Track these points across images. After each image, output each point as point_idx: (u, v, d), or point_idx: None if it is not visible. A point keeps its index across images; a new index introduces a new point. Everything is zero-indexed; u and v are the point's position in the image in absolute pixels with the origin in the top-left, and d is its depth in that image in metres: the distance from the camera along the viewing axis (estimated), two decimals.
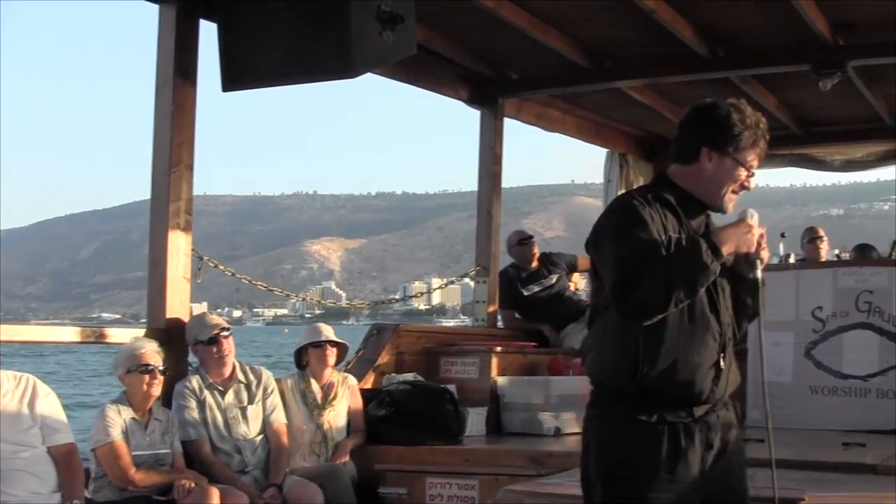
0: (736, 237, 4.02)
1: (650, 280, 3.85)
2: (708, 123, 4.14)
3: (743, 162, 4.11)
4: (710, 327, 4.06)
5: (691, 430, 4.02)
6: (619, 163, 13.25)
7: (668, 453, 3.99)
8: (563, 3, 8.91)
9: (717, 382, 4.07)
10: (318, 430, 7.84)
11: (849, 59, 9.60)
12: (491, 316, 10.79)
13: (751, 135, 4.10)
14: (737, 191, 4.17)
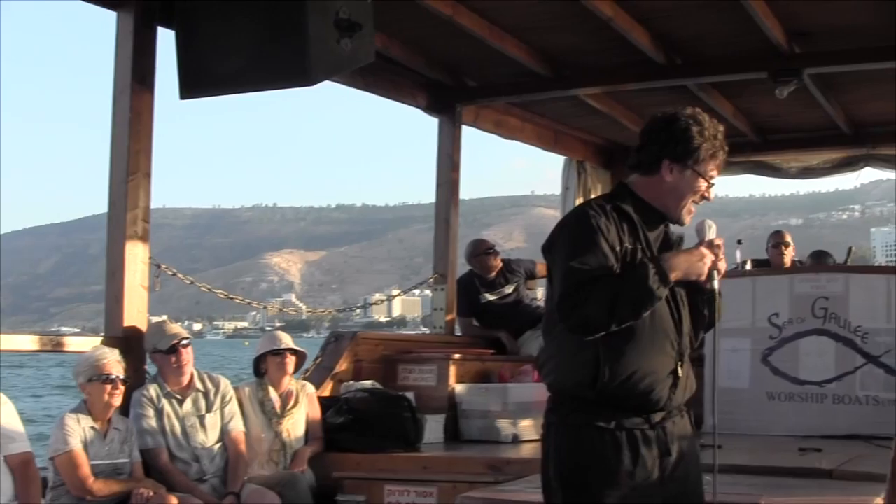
0: (687, 265, 4.06)
1: (596, 300, 3.91)
2: (669, 136, 4.16)
3: (703, 174, 4.15)
4: (668, 336, 4.10)
5: (649, 437, 4.05)
6: (577, 170, 13.27)
7: (628, 459, 4.02)
8: (521, 12, 8.93)
9: (674, 390, 4.10)
10: (277, 439, 7.81)
11: (805, 66, 9.66)
12: (449, 323, 10.78)
13: (710, 146, 4.14)
14: (697, 202, 4.20)
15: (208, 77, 7.27)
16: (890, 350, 8.81)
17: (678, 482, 4.11)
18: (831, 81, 10.70)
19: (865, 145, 12.86)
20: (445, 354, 9.56)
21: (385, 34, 9.11)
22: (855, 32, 9.14)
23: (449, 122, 10.85)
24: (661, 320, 4.07)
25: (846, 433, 8.47)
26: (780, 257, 11.78)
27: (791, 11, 8.84)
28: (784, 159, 13.61)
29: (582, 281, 3.93)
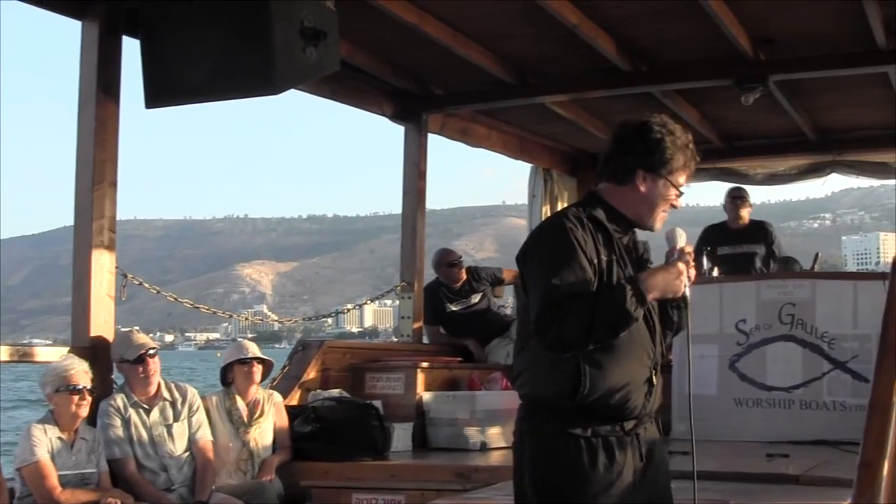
0: (665, 283, 4.05)
1: (573, 319, 3.92)
2: (643, 146, 4.17)
3: (676, 183, 4.18)
4: (645, 347, 4.13)
5: (624, 444, 4.06)
6: (543, 178, 13.29)
7: (603, 466, 4.03)
8: (486, 19, 8.93)
9: (648, 398, 4.13)
10: (244, 448, 7.79)
11: (770, 73, 9.70)
12: (416, 331, 10.77)
13: (683, 156, 4.17)
14: (667, 210, 4.22)
15: (174, 86, 7.25)
16: (857, 355, 8.83)
17: (650, 488, 4.12)
18: (796, 88, 10.75)
19: (831, 152, 12.94)
20: (413, 363, 9.56)
21: (350, 42, 9.10)
22: (819, 39, 9.19)
23: (415, 130, 10.86)
24: (638, 331, 4.08)
25: (813, 439, 8.48)
26: (736, 210, 11.88)
27: (756, 18, 8.88)
28: (750, 166, 13.66)
29: (560, 300, 3.93)
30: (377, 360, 9.75)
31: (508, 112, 11.71)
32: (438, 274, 11.25)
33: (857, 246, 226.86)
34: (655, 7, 8.65)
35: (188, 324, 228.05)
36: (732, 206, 11.97)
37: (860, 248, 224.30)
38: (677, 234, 4.17)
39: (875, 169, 13.20)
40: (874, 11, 8.27)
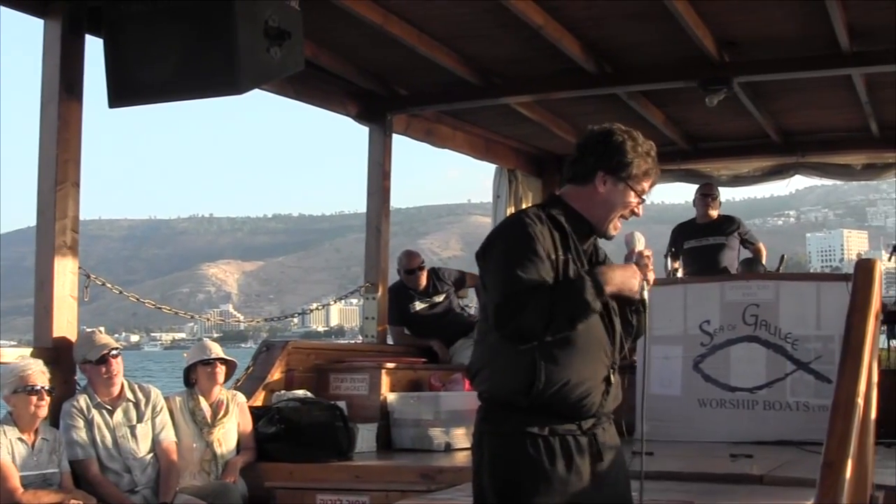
0: (622, 279, 4.11)
1: (533, 310, 3.95)
2: (605, 149, 4.23)
3: (635, 188, 4.22)
4: (602, 345, 4.15)
5: (581, 443, 4.08)
6: (508, 178, 13.30)
7: (561, 465, 4.04)
8: (451, 20, 8.92)
9: (606, 397, 4.15)
10: (208, 449, 7.77)
11: (735, 75, 9.75)
12: (380, 332, 10.78)
13: (643, 163, 4.22)
14: (626, 216, 4.25)
15: (137, 85, 7.21)
16: (820, 356, 8.89)
17: (609, 487, 4.14)
18: (761, 90, 10.81)
19: (795, 153, 13.03)
20: (377, 363, 9.56)
21: (315, 43, 9.08)
22: (784, 42, 9.24)
23: (379, 130, 10.85)
24: (594, 328, 4.10)
25: (777, 439, 8.54)
26: (705, 207, 11.98)
27: (721, 21, 8.91)
28: (714, 167, 13.71)
29: (519, 290, 3.96)
30: (341, 361, 9.74)
31: (473, 113, 11.73)
32: (401, 277, 11.25)
33: (821, 243, 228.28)
34: (621, 9, 8.66)
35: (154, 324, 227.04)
36: (702, 202, 12.12)
37: (824, 246, 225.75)
38: (636, 237, 4.22)
39: (838, 171, 13.30)
40: (837, 15, 8.31)
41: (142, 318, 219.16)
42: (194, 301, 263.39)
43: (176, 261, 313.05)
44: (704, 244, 11.83)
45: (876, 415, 5.93)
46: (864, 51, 9.21)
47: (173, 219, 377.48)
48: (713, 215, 12.06)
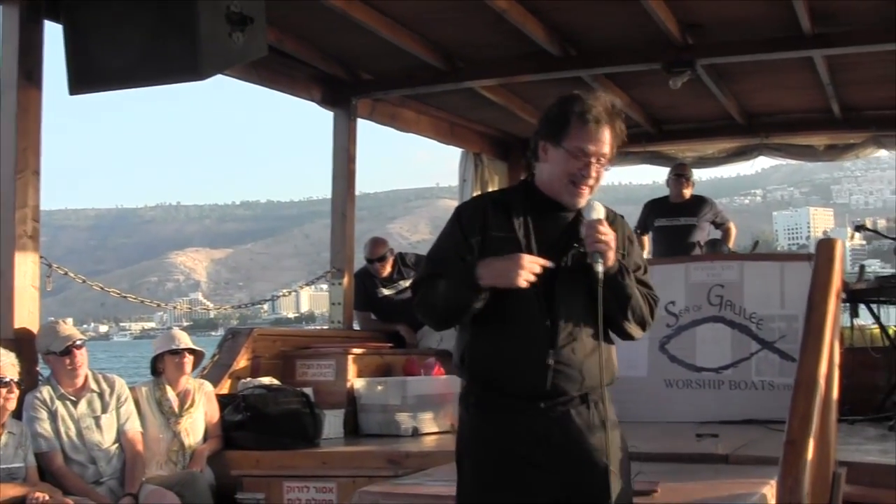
0: (496, 272, 3.99)
1: (426, 301, 4.13)
2: (544, 120, 4.20)
3: (571, 150, 4.09)
4: (531, 327, 4.06)
5: (527, 422, 4.05)
6: (473, 162, 13.32)
7: (505, 440, 4.04)
8: (414, 4, 8.91)
9: (546, 378, 4.04)
10: (175, 438, 7.75)
11: (698, 57, 9.76)
12: (347, 318, 10.77)
13: (579, 122, 4.08)
14: (577, 182, 4.10)
15: (97, 72, 7.15)
16: (784, 336, 8.91)
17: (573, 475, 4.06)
18: (724, 72, 10.84)
19: (759, 135, 13.08)
20: (344, 349, 9.55)
21: (278, 28, 9.06)
22: (746, 24, 9.26)
23: (344, 115, 10.83)
24: (520, 312, 4.06)
25: (742, 418, 8.55)
26: (679, 187, 12.05)
27: (684, 3, 8.93)
28: (679, 149, 13.75)
29: (423, 276, 4.17)
30: (308, 348, 9.72)
31: (438, 97, 11.69)
32: (367, 263, 11.24)
33: (787, 221, 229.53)
34: None
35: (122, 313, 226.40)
36: (676, 182, 12.17)
37: (791, 224, 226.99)
38: (590, 206, 4.11)
39: (801, 151, 13.37)
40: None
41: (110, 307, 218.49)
42: (163, 290, 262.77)
43: (144, 250, 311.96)
44: (675, 224, 11.87)
45: (838, 392, 5.99)
46: (825, 32, 9.25)
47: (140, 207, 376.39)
48: (686, 195, 12.10)
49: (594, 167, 4.10)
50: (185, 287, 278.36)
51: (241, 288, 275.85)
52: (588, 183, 4.11)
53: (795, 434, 4.78)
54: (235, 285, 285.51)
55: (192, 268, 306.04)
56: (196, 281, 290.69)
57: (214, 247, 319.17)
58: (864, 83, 11.13)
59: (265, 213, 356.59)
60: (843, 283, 6.97)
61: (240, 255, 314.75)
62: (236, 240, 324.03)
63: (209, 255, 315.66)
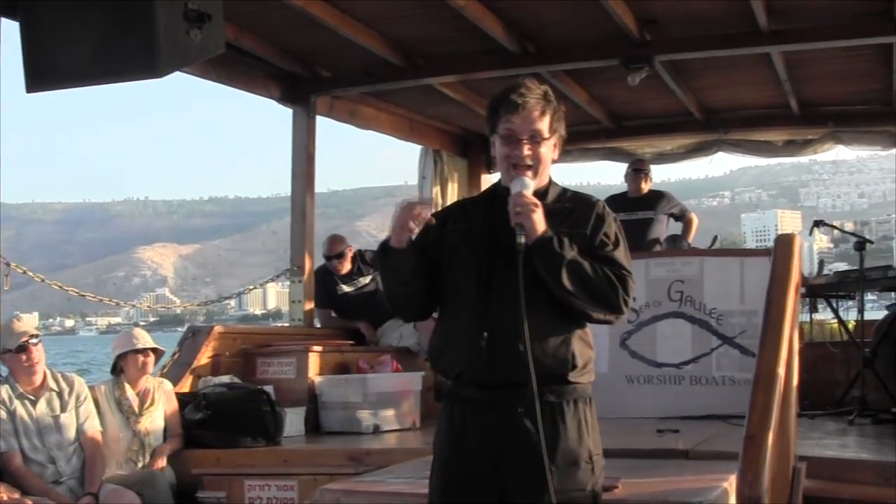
0: (391, 228, 4.08)
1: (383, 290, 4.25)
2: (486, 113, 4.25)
3: (503, 134, 4.10)
4: (469, 312, 4.03)
5: (477, 411, 4.02)
6: (433, 159, 13.29)
7: (456, 429, 4.05)
8: (373, 1, 8.91)
9: (481, 364, 3.97)
10: (135, 438, 7.71)
11: (656, 54, 9.81)
12: (307, 315, 10.75)
13: (507, 104, 4.09)
14: (515, 163, 4.08)
15: (54, 69, 7.09)
16: (744, 331, 8.96)
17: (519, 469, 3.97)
18: (682, 68, 10.89)
19: (717, 131, 13.12)
20: (304, 347, 9.51)
21: (237, 25, 9.06)
22: (703, 20, 9.30)
23: (303, 112, 10.79)
24: (463, 297, 4.06)
25: (703, 414, 8.60)
26: (637, 182, 12.06)
27: None
28: (639, 145, 13.76)
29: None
30: (268, 345, 9.70)
31: (397, 94, 11.69)
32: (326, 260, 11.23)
33: (755, 223, 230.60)
34: None
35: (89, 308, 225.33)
36: (635, 177, 12.14)
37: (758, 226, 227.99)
38: (519, 181, 4.04)
39: (760, 147, 13.40)
40: None
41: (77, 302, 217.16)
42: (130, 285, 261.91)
43: (111, 244, 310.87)
44: (634, 218, 11.86)
45: (798, 387, 6.01)
46: (782, 29, 9.30)
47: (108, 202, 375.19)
48: (644, 190, 12.11)
49: (526, 146, 4.08)
50: (151, 282, 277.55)
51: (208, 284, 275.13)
52: (525, 163, 4.07)
53: (755, 429, 4.81)
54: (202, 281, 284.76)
55: (160, 263, 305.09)
56: (163, 276, 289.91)
57: (182, 242, 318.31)
58: (822, 79, 11.22)
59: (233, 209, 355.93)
60: (802, 278, 7.00)
61: (207, 251, 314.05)
62: (204, 235, 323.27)
63: (176, 250, 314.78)
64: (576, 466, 3.98)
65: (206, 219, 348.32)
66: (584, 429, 4.06)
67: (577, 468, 3.99)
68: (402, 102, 12.21)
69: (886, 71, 10.71)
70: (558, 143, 4.20)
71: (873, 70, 10.85)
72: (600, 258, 4.05)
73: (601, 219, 4.18)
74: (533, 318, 3.88)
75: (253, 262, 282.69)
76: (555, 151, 4.19)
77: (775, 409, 4.99)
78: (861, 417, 8.20)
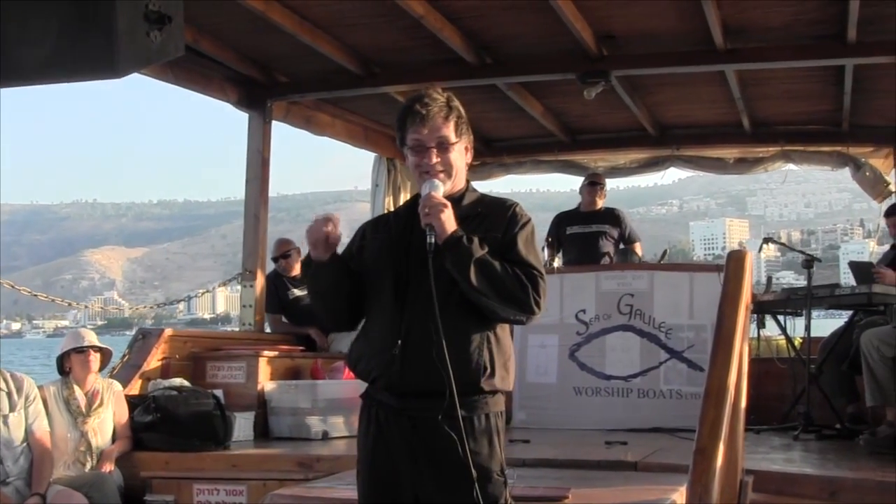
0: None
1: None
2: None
3: (411, 145, 4.11)
4: (387, 319, 4.02)
5: (391, 416, 4.00)
6: (387, 167, 13.27)
7: (372, 433, 4.05)
8: (332, 8, 8.91)
9: (395, 370, 3.95)
10: (83, 438, 7.68)
11: (612, 69, 9.87)
12: (258, 320, 10.73)
13: (409, 116, 4.10)
14: (429, 171, 4.07)
15: (11, 66, 7.04)
16: (692, 345, 9.06)
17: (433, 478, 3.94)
18: (638, 84, 10.99)
19: (670, 146, 13.19)
20: (255, 351, 9.50)
21: (195, 28, 9.05)
22: (660, 37, 9.38)
23: (259, 117, 10.78)
24: (380, 303, 4.06)
25: (651, 426, 8.68)
26: (592, 195, 12.08)
27: (599, 14, 9.01)
28: (592, 158, 13.80)
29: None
30: (219, 349, 9.66)
31: (353, 101, 11.70)
32: (276, 264, 11.21)
33: (704, 231, 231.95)
34: (501, 0, 8.73)
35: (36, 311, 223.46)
36: (591, 190, 12.13)
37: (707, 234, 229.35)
38: (427, 183, 4.05)
39: (712, 164, 13.48)
40: (712, 12, 8.46)
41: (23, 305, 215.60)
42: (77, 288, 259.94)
43: (59, 247, 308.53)
44: (587, 231, 11.90)
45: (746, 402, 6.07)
46: (737, 48, 9.40)
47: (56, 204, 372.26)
48: (599, 204, 12.13)
49: (435, 153, 4.07)
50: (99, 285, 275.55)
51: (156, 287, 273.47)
52: (436, 170, 4.07)
53: (705, 442, 4.85)
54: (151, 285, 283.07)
55: (108, 266, 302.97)
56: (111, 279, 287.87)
57: (130, 245, 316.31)
58: (774, 98, 11.34)
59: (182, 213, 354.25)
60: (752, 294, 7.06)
61: (156, 255, 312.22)
62: (153, 239, 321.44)
63: (125, 253, 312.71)
64: (488, 480, 3.93)
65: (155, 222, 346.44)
66: (495, 442, 4.00)
67: (490, 482, 3.94)
68: (357, 110, 12.21)
69: (837, 92, 10.83)
70: (469, 147, 4.21)
71: (825, 91, 10.99)
72: (512, 259, 4.00)
73: (514, 220, 4.12)
74: (447, 323, 3.85)
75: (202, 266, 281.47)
76: (466, 155, 4.19)
77: (725, 423, 5.03)
78: (806, 433, 8.28)
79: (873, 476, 6.41)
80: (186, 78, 10.02)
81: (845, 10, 8.45)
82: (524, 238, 4.08)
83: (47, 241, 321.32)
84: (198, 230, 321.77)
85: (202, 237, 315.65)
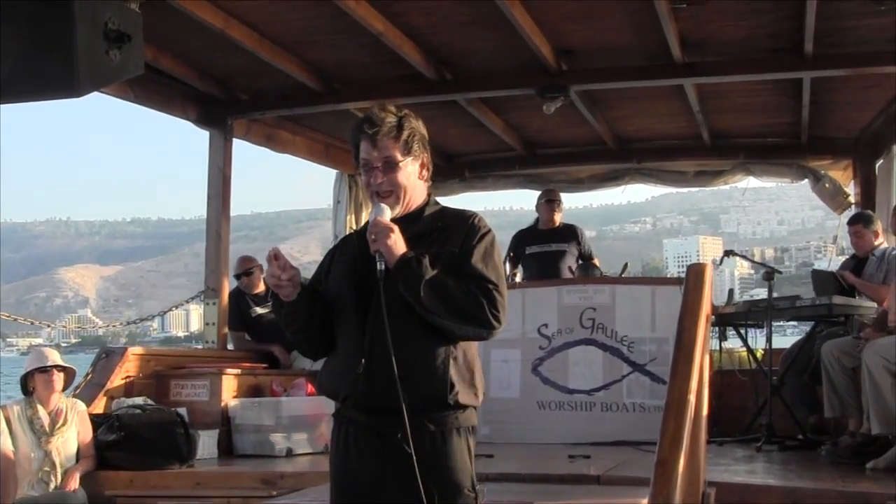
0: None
1: None
2: None
3: (361, 165, 4.13)
4: (352, 339, 4.02)
5: (360, 433, 4.00)
6: (348, 184, 13.30)
7: (341, 450, 4.05)
8: (292, 25, 8.93)
9: (360, 387, 3.94)
10: (47, 458, 7.67)
11: (571, 83, 9.92)
12: (221, 338, 10.70)
13: (357, 137, 4.12)
14: (377, 191, 4.08)
15: None
16: (654, 358, 9.08)
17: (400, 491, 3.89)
18: (597, 98, 11.06)
19: (630, 160, 13.26)
20: (218, 369, 9.53)
21: (155, 46, 9.04)
22: (618, 51, 9.44)
23: (220, 135, 10.78)
24: (346, 322, 4.05)
25: (614, 440, 8.69)
26: (550, 212, 12.03)
27: (557, 29, 9.06)
28: (552, 173, 13.80)
29: None
30: (182, 367, 9.66)
31: (314, 118, 11.73)
32: (238, 282, 11.21)
33: (677, 249, 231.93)
34: (460, 16, 8.75)
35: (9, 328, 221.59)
36: (548, 207, 12.06)
37: (680, 251, 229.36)
38: (375, 208, 4.06)
39: (672, 177, 13.53)
40: (670, 26, 8.52)
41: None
42: (51, 306, 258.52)
43: (32, 265, 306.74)
44: (547, 250, 11.88)
45: (708, 414, 6.09)
46: (695, 62, 9.48)
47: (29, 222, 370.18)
48: (557, 220, 12.10)
49: (381, 174, 4.07)
50: (73, 304, 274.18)
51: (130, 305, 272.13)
52: (383, 189, 4.08)
53: (666, 454, 4.85)
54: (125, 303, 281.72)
55: (81, 284, 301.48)
56: (85, 297, 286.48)
57: (104, 263, 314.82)
58: (733, 111, 11.44)
59: (156, 231, 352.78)
60: (711, 306, 7.09)
61: (129, 273, 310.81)
62: (126, 257, 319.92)
63: (98, 271, 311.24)
64: (459, 495, 3.93)
65: (128, 240, 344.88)
66: (466, 457, 3.99)
67: (461, 497, 3.93)
68: (318, 127, 12.23)
69: (796, 105, 10.93)
70: (427, 163, 4.18)
71: (783, 104, 11.08)
72: (467, 272, 3.97)
73: (471, 233, 4.08)
74: (409, 342, 3.87)
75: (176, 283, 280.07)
76: (421, 172, 4.16)
77: (686, 435, 5.05)
78: (768, 444, 8.31)
79: (835, 486, 6.44)
80: (146, 96, 10.00)
81: (802, 24, 8.52)
82: (481, 250, 4.04)
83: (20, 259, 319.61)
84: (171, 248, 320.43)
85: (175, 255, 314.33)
